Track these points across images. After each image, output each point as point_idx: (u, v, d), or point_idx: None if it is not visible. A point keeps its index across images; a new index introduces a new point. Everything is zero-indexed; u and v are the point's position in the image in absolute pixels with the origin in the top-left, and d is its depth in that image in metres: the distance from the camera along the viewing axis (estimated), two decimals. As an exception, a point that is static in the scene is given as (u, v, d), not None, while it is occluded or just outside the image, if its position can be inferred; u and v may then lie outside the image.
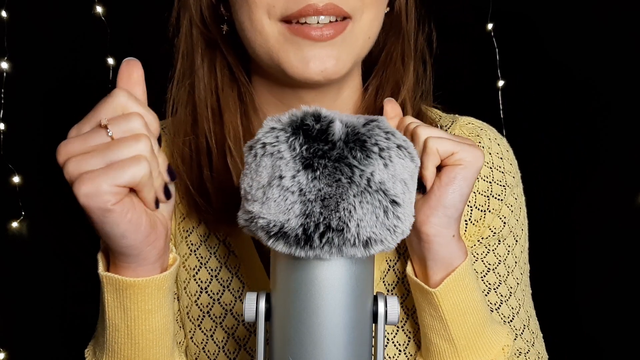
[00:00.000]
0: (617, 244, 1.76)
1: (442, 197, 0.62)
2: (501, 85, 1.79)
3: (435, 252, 0.64)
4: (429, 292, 0.65)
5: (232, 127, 0.74)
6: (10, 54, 1.78)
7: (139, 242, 0.54)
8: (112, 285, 0.58)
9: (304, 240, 0.45)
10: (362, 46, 0.70)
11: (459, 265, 0.65)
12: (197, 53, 0.74)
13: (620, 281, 1.76)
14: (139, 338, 0.61)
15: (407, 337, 0.75)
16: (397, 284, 0.75)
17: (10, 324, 1.83)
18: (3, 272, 1.85)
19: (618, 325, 1.76)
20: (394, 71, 0.77)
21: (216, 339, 0.77)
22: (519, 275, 0.78)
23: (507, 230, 0.77)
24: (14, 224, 1.85)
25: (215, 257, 0.78)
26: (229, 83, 0.75)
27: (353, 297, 0.48)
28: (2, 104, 1.78)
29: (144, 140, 0.51)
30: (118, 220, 0.51)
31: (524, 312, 0.77)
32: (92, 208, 0.50)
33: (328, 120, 0.46)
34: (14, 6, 1.79)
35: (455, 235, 0.65)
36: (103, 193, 0.49)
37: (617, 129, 1.73)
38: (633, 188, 1.74)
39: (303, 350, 0.47)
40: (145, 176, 0.51)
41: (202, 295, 0.78)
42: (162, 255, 0.59)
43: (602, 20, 1.70)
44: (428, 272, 0.66)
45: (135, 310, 0.59)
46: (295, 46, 0.65)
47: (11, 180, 1.82)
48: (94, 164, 0.50)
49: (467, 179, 0.62)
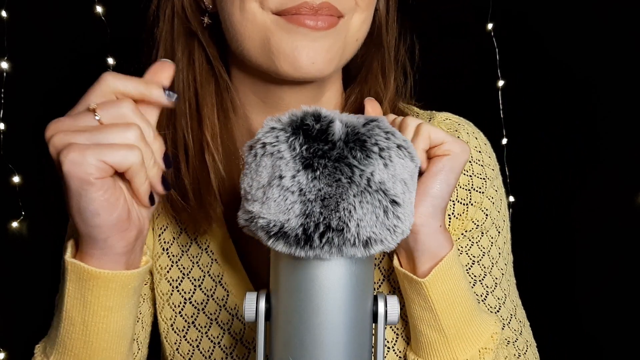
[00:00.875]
0: (617, 244, 1.76)
1: (429, 187, 0.62)
2: (501, 85, 1.78)
3: (422, 243, 0.64)
4: (417, 282, 0.65)
5: (209, 123, 0.72)
6: (10, 54, 1.78)
7: (110, 224, 0.53)
8: (75, 273, 0.56)
9: (304, 240, 0.45)
10: (350, 47, 0.70)
11: (446, 255, 0.65)
12: (178, 45, 0.73)
13: (620, 281, 1.76)
14: (93, 337, 0.58)
15: (395, 334, 0.75)
16: (382, 281, 0.76)
17: (10, 324, 1.83)
18: (3, 272, 1.85)
19: (618, 325, 1.76)
20: (374, 83, 0.77)
21: (202, 348, 0.77)
22: (503, 266, 0.79)
23: (490, 222, 0.77)
24: (14, 224, 1.85)
25: (197, 266, 0.78)
26: (207, 77, 0.74)
27: (353, 297, 0.48)
28: (2, 104, 1.78)
29: (133, 128, 0.51)
30: (95, 195, 0.51)
31: (510, 301, 0.78)
32: (74, 177, 0.50)
33: (328, 120, 0.46)
34: (14, 6, 1.78)
35: (441, 226, 0.65)
36: (88, 164, 0.49)
37: (617, 129, 1.73)
38: (633, 188, 1.74)
39: (303, 350, 0.47)
40: (135, 164, 0.51)
41: (187, 306, 0.77)
42: (129, 250, 0.56)
43: (602, 20, 1.70)
44: (416, 263, 0.66)
45: (96, 304, 0.57)
46: (290, 34, 0.64)
47: (11, 180, 1.82)
48: (82, 140, 0.50)
49: (454, 170, 0.63)
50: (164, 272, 0.79)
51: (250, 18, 0.65)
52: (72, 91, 2.10)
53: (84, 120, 0.52)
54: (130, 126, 0.51)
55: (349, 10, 0.67)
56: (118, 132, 0.51)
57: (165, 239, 0.79)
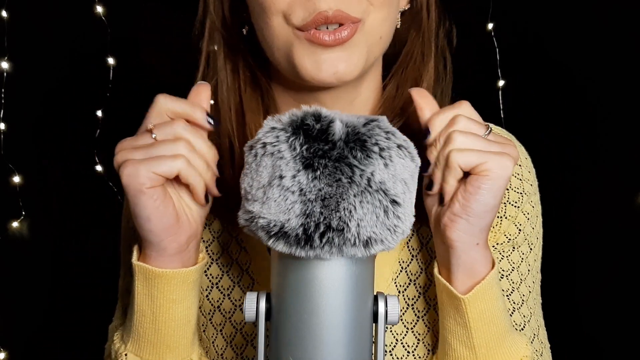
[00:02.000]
0: (617, 244, 1.76)
1: (465, 206, 0.61)
2: (501, 85, 1.79)
3: (458, 257, 0.64)
4: (457, 298, 0.65)
5: (254, 127, 0.75)
6: (10, 54, 1.78)
7: (160, 228, 0.61)
8: (142, 274, 0.64)
9: (304, 240, 0.45)
10: (374, 46, 0.70)
11: (488, 274, 0.64)
12: (220, 55, 0.77)
13: (620, 281, 1.76)
14: (161, 325, 0.66)
15: (417, 339, 0.74)
16: (408, 285, 0.75)
17: (10, 324, 1.83)
18: (3, 272, 1.85)
19: (618, 325, 1.76)
20: (413, 69, 0.76)
21: (225, 333, 0.78)
22: (531, 284, 0.78)
23: (522, 237, 0.76)
24: (14, 224, 1.85)
25: (227, 253, 0.79)
26: (251, 84, 0.77)
27: (353, 296, 0.48)
28: (2, 104, 1.78)
29: (180, 141, 0.59)
30: (147, 203, 0.59)
31: (534, 321, 0.77)
32: (129, 187, 0.59)
33: (328, 120, 0.46)
34: (14, 6, 1.79)
35: (479, 244, 0.64)
36: (140, 176, 0.58)
37: (617, 129, 1.73)
38: (633, 188, 1.74)
39: (303, 350, 0.47)
40: (183, 169, 0.59)
41: (213, 291, 0.79)
42: (182, 251, 0.64)
43: (602, 20, 1.70)
44: (451, 276, 0.65)
45: (161, 298, 0.65)
46: (310, 51, 0.66)
47: (11, 180, 1.82)
48: (137, 156, 0.59)
49: (493, 190, 0.60)
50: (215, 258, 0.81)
51: (276, 32, 0.68)
52: (72, 91, 2.10)
53: (142, 139, 0.60)
54: (178, 140, 0.59)
55: (362, 13, 0.67)
56: (167, 146, 0.59)
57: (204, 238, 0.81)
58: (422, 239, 0.76)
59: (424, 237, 0.76)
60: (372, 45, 0.69)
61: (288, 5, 0.66)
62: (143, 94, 1.02)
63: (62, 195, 1.94)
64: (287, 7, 0.66)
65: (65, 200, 1.95)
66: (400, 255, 0.75)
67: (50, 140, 1.91)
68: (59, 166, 1.93)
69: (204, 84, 0.64)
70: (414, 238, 0.76)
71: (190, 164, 0.60)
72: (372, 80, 0.77)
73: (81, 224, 1.95)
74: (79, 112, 1.87)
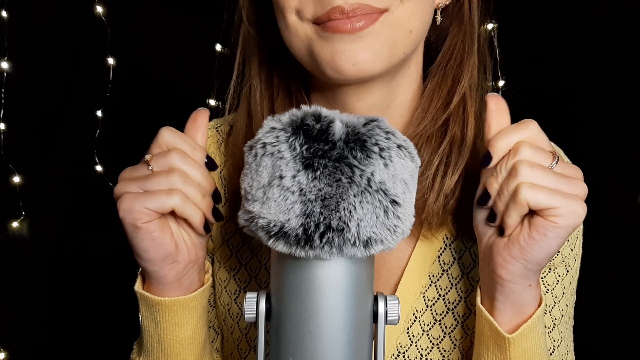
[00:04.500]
0: (617, 244, 1.76)
1: (526, 251, 0.58)
2: (501, 85, 1.78)
3: (507, 296, 0.61)
4: (502, 337, 0.62)
5: None
6: (10, 54, 1.78)
7: (158, 260, 0.62)
8: (144, 300, 0.66)
9: (304, 240, 0.45)
10: (402, 39, 0.65)
11: (535, 312, 0.62)
12: (254, 62, 0.76)
13: (621, 281, 1.76)
14: (167, 346, 0.68)
15: (442, 356, 0.73)
16: (437, 300, 0.73)
17: (10, 324, 1.83)
18: (3, 272, 1.85)
19: (618, 326, 1.76)
20: (453, 66, 0.72)
21: (249, 337, 0.78)
22: (564, 307, 0.75)
23: (560, 259, 0.74)
24: (14, 224, 1.85)
25: (256, 258, 0.79)
26: (285, 93, 0.76)
27: (353, 297, 0.47)
28: (2, 104, 1.78)
29: (174, 174, 0.59)
30: (143, 237, 0.60)
31: (564, 346, 0.75)
32: (125, 222, 0.60)
33: (328, 120, 0.46)
34: (14, 6, 1.78)
35: (532, 285, 0.61)
36: (135, 211, 0.59)
37: (617, 129, 1.73)
38: (633, 188, 1.74)
39: (303, 350, 0.47)
40: (177, 205, 0.59)
41: (241, 295, 0.79)
42: (180, 278, 0.65)
43: (603, 20, 1.70)
44: (495, 311, 0.63)
45: (164, 322, 0.66)
46: (328, 41, 0.63)
47: (11, 180, 1.82)
48: (133, 189, 0.60)
49: (560, 238, 0.57)
50: (224, 261, 0.81)
51: (294, 31, 0.67)
52: (73, 91, 2.10)
53: (140, 170, 0.61)
54: (172, 172, 0.59)
55: (390, 3, 0.64)
56: (162, 179, 0.59)
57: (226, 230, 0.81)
58: (455, 253, 0.74)
59: (457, 251, 0.74)
60: (400, 39, 0.65)
61: (299, 2, 0.65)
62: (143, 94, 1.02)
63: (62, 195, 1.94)
64: (298, 3, 0.65)
65: (65, 200, 1.95)
66: (430, 269, 0.73)
67: (50, 140, 1.91)
68: (59, 166, 1.93)
69: (202, 110, 0.65)
70: (446, 252, 0.73)
71: (186, 197, 0.60)
72: (409, 84, 0.73)
73: (81, 224, 1.95)
74: (79, 112, 1.87)
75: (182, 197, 0.60)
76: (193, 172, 0.61)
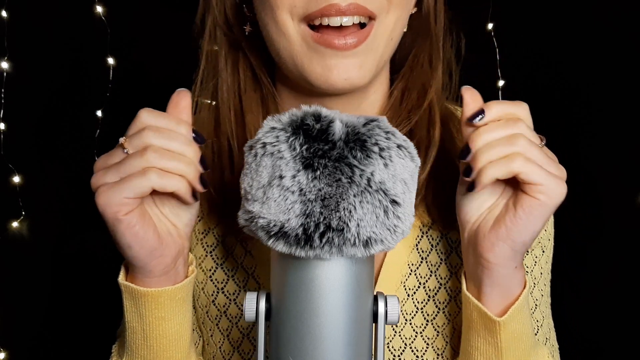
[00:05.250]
0: (617, 244, 1.76)
1: (512, 232, 0.59)
2: (501, 85, 1.78)
3: (494, 279, 0.62)
4: (492, 321, 0.63)
5: (254, 129, 0.74)
6: (10, 54, 1.77)
7: (143, 255, 0.60)
8: (129, 293, 0.63)
9: (304, 240, 0.45)
10: (385, 48, 0.68)
11: (521, 294, 0.63)
12: (221, 54, 0.75)
13: (621, 281, 1.76)
14: (153, 342, 0.65)
15: (426, 343, 0.74)
16: (418, 289, 0.74)
17: (10, 324, 1.83)
18: (3, 272, 1.85)
19: (618, 326, 1.76)
20: (421, 74, 0.75)
21: (232, 338, 0.78)
22: (543, 287, 0.77)
23: (536, 241, 0.75)
24: (14, 224, 1.85)
25: (232, 257, 0.78)
26: (252, 85, 0.75)
27: (353, 297, 0.48)
28: (2, 104, 1.78)
29: (147, 152, 0.56)
30: (125, 231, 0.58)
31: (546, 324, 0.77)
32: (106, 216, 0.57)
33: (328, 120, 0.46)
34: (14, 6, 1.78)
35: (517, 267, 0.62)
36: (113, 204, 0.56)
37: (617, 129, 1.73)
38: (633, 188, 1.74)
39: (303, 350, 0.47)
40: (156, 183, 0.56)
41: (219, 296, 0.78)
42: (168, 270, 0.63)
43: (603, 20, 1.70)
44: (482, 296, 0.64)
45: (150, 316, 0.64)
46: (319, 54, 0.64)
47: (11, 180, 1.82)
48: (110, 178, 0.57)
49: (544, 217, 0.58)
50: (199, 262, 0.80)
51: (283, 31, 0.66)
52: (73, 91, 2.10)
53: (115, 156, 0.58)
54: (145, 152, 0.56)
55: (381, 10, 0.65)
56: (135, 160, 0.56)
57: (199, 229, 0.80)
58: (432, 240, 0.75)
59: (434, 238, 0.75)
60: (385, 49, 0.68)
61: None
62: (143, 94, 1.03)
63: (62, 195, 1.94)
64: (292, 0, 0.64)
65: (65, 200, 1.95)
66: (409, 258, 0.74)
67: (50, 140, 1.91)
68: (59, 166, 1.93)
69: (183, 91, 0.61)
70: (423, 240, 0.75)
71: (164, 172, 0.56)
72: (381, 84, 0.75)
73: (81, 224, 1.94)
74: (79, 112, 1.87)
75: (159, 174, 0.56)
76: (170, 144, 0.57)
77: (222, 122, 0.74)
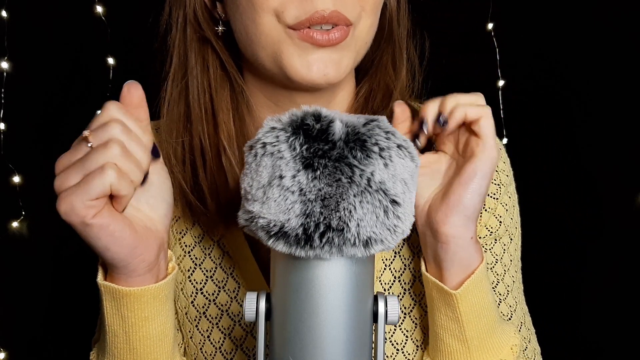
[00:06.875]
0: (617, 244, 1.76)
1: (462, 196, 0.62)
2: (501, 85, 1.78)
3: (453, 253, 0.64)
4: (448, 294, 0.65)
5: (225, 128, 0.74)
6: (10, 54, 1.77)
7: (123, 255, 0.57)
8: (109, 293, 0.60)
9: (304, 240, 0.45)
10: (361, 51, 0.71)
11: (478, 267, 0.65)
12: (191, 52, 0.74)
13: (621, 281, 1.76)
14: (136, 344, 0.63)
15: (405, 336, 0.75)
16: (393, 282, 0.75)
17: (10, 324, 1.83)
18: (3, 272, 1.85)
19: (618, 326, 1.76)
20: (385, 76, 0.77)
21: (213, 339, 0.77)
22: (514, 273, 0.79)
23: (503, 229, 0.77)
24: (14, 224, 1.85)
25: (210, 258, 0.78)
26: (221, 82, 0.75)
27: (353, 297, 0.48)
28: (2, 104, 1.78)
29: (111, 146, 0.53)
30: (98, 234, 0.54)
31: (520, 309, 0.78)
32: (73, 224, 0.54)
33: (328, 120, 0.46)
34: (14, 6, 1.78)
35: (473, 237, 0.64)
36: (78, 209, 0.52)
37: (617, 129, 1.73)
38: (633, 188, 1.74)
39: (303, 350, 0.47)
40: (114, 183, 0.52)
41: (198, 296, 0.78)
42: (152, 267, 0.61)
43: (602, 20, 1.70)
44: (444, 273, 0.65)
45: (132, 317, 0.61)
46: (301, 50, 0.65)
47: (11, 180, 1.82)
48: (73, 179, 0.53)
49: (486, 176, 0.63)
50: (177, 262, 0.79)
51: (265, 31, 0.66)
52: (72, 91, 2.10)
53: (78, 151, 0.54)
54: (109, 144, 0.53)
55: (356, 18, 0.67)
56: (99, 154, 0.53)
57: (177, 229, 0.79)
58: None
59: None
60: (360, 50, 0.70)
61: (280, 3, 0.64)
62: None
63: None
64: (279, 4, 0.64)
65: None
66: (383, 254, 0.75)
67: (50, 140, 1.91)
68: (59, 166, 1.93)
69: (133, 83, 0.59)
70: None
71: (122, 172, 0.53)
72: (348, 83, 0.77)
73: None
74: (79, 112, 1.87)
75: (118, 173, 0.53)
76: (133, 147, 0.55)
77: (194, 120, 0.73)
